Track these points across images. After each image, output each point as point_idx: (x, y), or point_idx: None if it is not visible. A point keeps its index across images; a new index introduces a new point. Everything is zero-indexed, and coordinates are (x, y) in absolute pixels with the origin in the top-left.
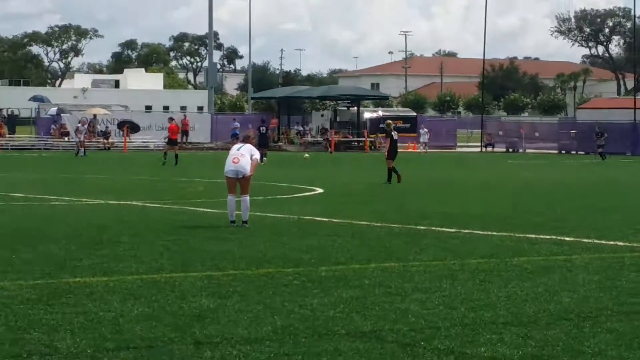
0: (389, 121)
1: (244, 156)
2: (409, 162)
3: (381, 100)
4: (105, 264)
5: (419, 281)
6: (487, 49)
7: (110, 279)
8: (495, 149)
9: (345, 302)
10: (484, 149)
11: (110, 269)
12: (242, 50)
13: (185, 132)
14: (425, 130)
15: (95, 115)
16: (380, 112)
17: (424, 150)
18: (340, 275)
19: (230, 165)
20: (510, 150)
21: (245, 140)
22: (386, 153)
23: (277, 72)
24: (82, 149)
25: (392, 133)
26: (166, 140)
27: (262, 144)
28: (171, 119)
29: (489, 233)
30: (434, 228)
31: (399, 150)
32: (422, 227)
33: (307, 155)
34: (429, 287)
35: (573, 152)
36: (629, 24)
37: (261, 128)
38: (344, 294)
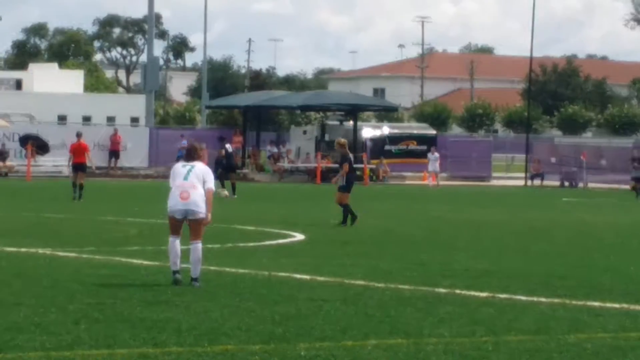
0: (343, 140)
1: (195, 188)
2: (425, 200)
3: (387, 113)
4: None
5: None
6: (535, 44)
7: (5, 357)
8: (546, 182)
9: None
10: (529, 182)
11: (4, 343)
12: (195, 40)
13: (114, 153)
14: (436, 155)
15: None
16: (386, 129)
17: (435, 184)
18: (326, 355)
19: (177, 202)
20: (567, 184)
21: (192, 155)
22: (340, 183)
23: (243, 71)
24: None
25: (350, 157)
26: (69, 165)
27: (229, 168)
28: (79, 135)
29: (535, 299)
30: (458, 291)
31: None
32: (443, 290)
33: (226, 192)
34: None
35: None
36: None
37: (227, 146)
38: None
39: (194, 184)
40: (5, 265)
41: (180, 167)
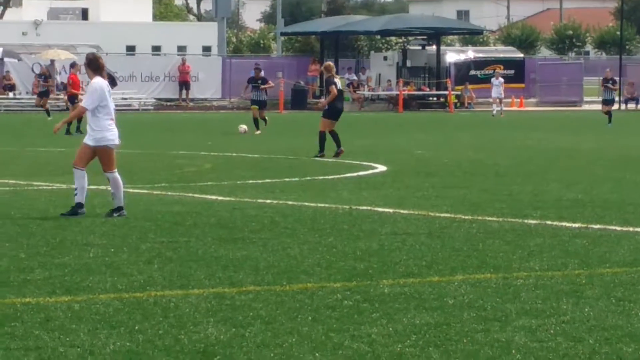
0: (329, 63)
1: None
2: (512, 127)
3: (472, 36)
4: (68, 277)
5: (526, 300)
6: None
7: (75, 299)
8: None
9: (419, 331)
10: (623, 106)
11: (74, 284)
12: None
13: (184, 84)
14: (501, 80)
15: (52, 61)
16: (471, 54)
17: (499, 110)
18: (411, 292)
19: (116, 136)
20: None
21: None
22: (324, 108)
23: None
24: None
25: (335, 81)
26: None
27: (261, 104)
28: (73, 66)
29: (632, 229)
30: (549, 222)
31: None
32: (533, 222)
33: (244, 126)
34: (542, 308)
35: None
36: None
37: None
38: (417, 319)
39: None
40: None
41: (106, 87)
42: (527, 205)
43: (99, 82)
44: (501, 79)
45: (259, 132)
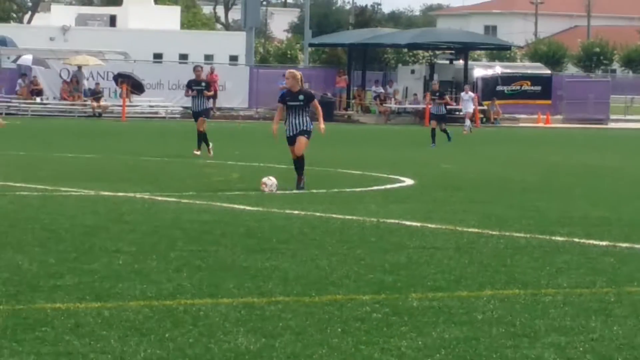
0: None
1: None
2: (539, 143)
3: (500, 52)
4: (98, 283)
5: (555, 317)
6: None
7: (105, 306)
8: None
9: (448, 345)
10: None
11: (104, 291)
12: None
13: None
14: (471, 95)
15: (80, 67)
16: (499, 69)
17: (468, 128)
18: (440, 306)
19: None
20: None
21: None
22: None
23: (348, 7)
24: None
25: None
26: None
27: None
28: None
29: None
30: (577, 240)
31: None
32: (560, 238)
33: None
34: (571, 325)
35: None
36: None
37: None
38: (447, 333)
39: None
40: (102, 210)
41: None
42: (554, 222)
43: None
44: (471, 93)
45: (198, 152)
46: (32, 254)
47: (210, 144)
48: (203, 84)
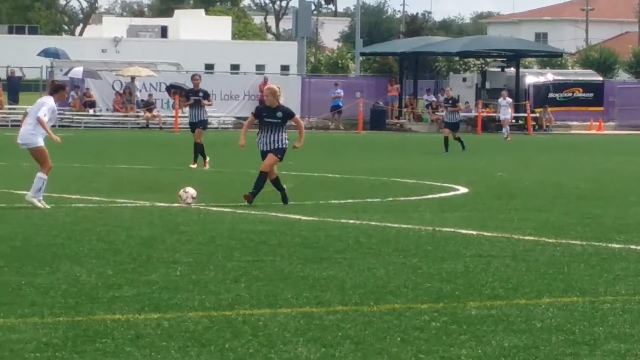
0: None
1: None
2: (592, 150)
3: (551, 59)
4: (156, 294)
5: (614, 324)
6: None
7: (164, 317)
8: None
9: (508, 353)
10: None
11: (163, 302)
12: None
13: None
14: (509, 100)
15: (133, 78)
16: (550, 76)
17: (505, 135)
18: (498, 314)
19: None
20: None
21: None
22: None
23: (398, 15)
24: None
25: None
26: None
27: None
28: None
29: None
30: (633, 247)
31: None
32: (617, 246)
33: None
34: (631, 333)
35: None
36: None
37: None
38: (506, 342)
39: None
40: (158, 221)
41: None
42: (610, 229)
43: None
44: (509, 99)
45: (194, 165)
46: (89, 265)
47: (207, 157)
48: (201, 93)
